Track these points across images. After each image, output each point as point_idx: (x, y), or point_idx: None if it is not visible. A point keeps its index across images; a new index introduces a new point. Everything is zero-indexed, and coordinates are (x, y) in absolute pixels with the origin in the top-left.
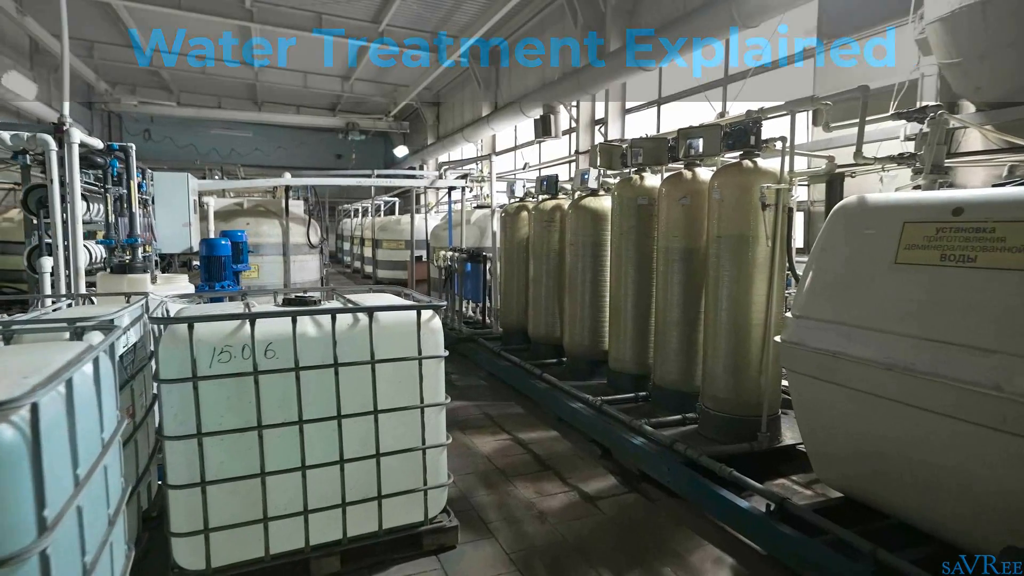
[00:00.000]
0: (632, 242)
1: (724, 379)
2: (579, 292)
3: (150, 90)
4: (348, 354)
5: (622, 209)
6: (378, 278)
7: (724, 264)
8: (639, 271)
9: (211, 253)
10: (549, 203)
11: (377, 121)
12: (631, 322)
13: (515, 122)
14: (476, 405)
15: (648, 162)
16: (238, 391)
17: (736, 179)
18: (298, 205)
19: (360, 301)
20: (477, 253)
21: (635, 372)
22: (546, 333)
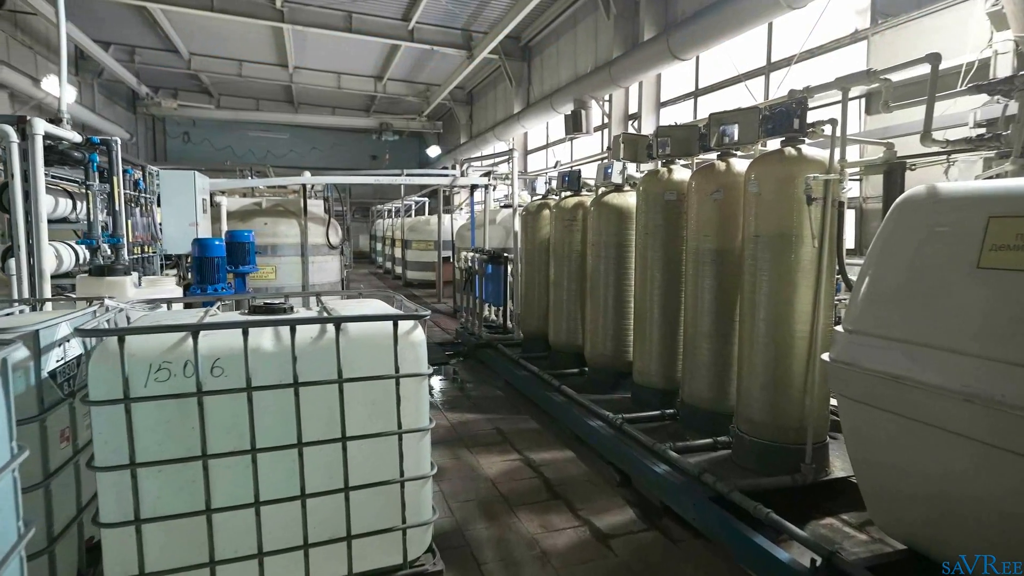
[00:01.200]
0: (659, 242)
1: (761, 399)
2: (601, 297)
3: (192, 94)
4: (312, 372)
5: (648, 206)
6: (407, 279)
7: (762, 267)
8: (666, 275)
9: (203, 254)
10: (571, 200)
11: (410, 121)
12: (657, 331)
13: (546, 119)
14: (488, 419)
15: (677, 153)
16: (179, 415)
17: (777, 169)
18: (318, 205)
19: (343, 309)
20: (498, 254)
21: (661, 387)
22: (567, 341)
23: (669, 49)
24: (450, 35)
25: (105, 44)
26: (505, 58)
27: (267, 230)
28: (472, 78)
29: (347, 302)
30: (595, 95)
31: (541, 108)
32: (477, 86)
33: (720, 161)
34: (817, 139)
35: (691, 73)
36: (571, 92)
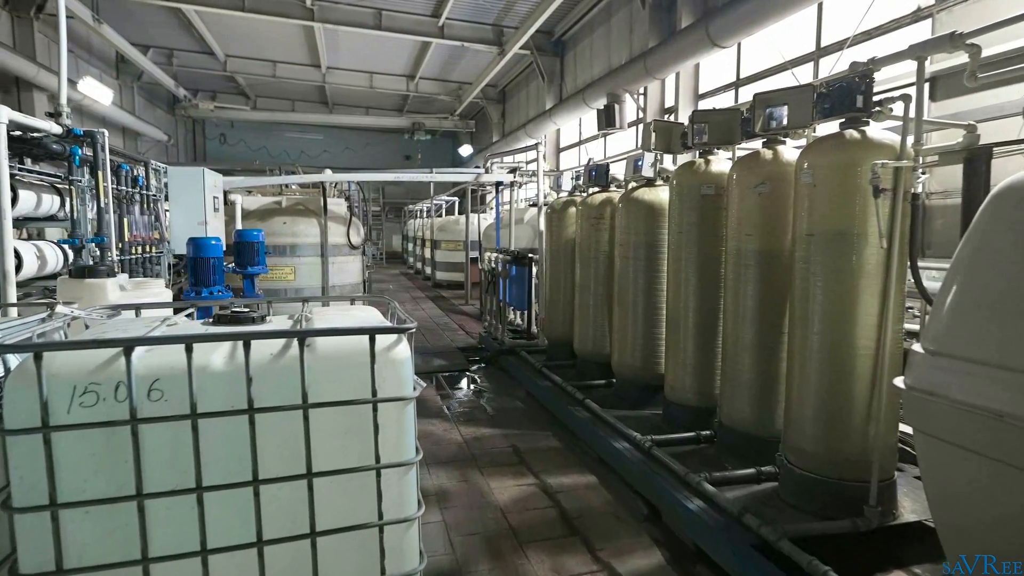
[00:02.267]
0: (694, 242)
1: (815, 426)
2: (629, 303)
3: (230, 96)
4: (271, 395)
5: (682, 201)
6: (436, 280)
7: (816, 271)
8: (703, 279)
9: (198, 254)
10: (598, 197)
11: (443, 120)
12: (692, 342)
13: (579, 115)
14: (505, 434)
15: (716, 140)
16: (109, 446)
17: (836, 156)
18: (340, 204)
19: (324, 318)
20: (522, 255)
21: (696, 404)
22: (593, 349)
23: (708, 36)
24: (481, 31)
25: (144, 48)
26: (537, 53)
27: (286, 229)
28: (504, 75)
29: (327, 310)
30: (629, 88)
31: (573, 103)
32: (509, 84)
33: (766, 149)
34: (883, 120)
35: (732, 62)
36: (604, 86)
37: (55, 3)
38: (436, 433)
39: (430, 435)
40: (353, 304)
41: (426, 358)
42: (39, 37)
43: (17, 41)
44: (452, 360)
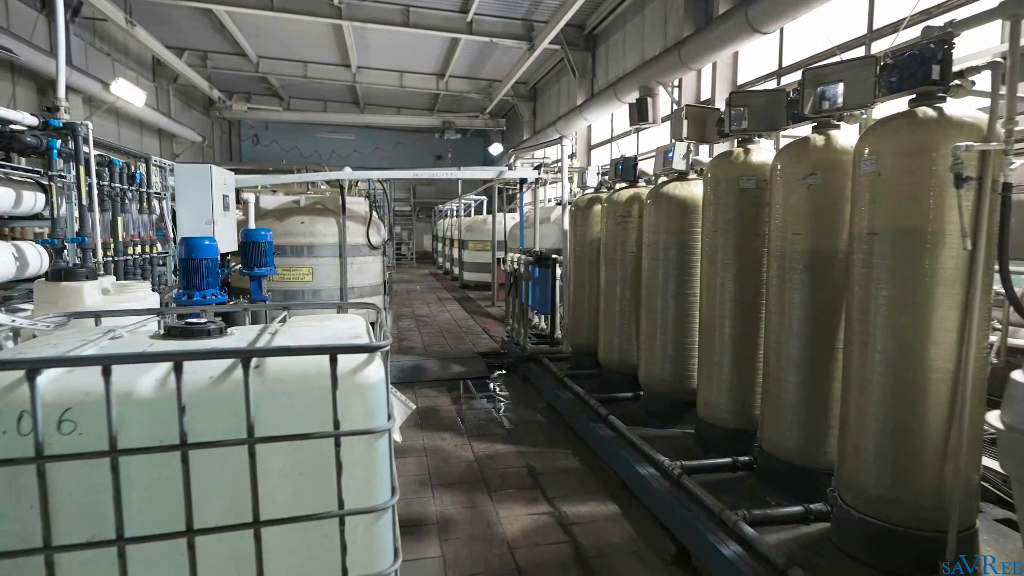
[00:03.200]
0: (731, 242)
1: (877, 462)
2: (658, 309)
3: (264, 97)
4: (211, 428)
5: (718, 196)
6: (463, 281)
7: (881, 277)
8: (741, 284)
9: (188, 255)
10: (625, 193)
11: (473, 119)
12: (728, 356)
13: (610, 110)
14: (520, 452)
15: (757, 126)
16: (11, 489)
17: (907, 138)
18: (360, 203)
19: (294, 332)
20: (545, 256)
21: (733, 426)
22: (619, 359)
23: (748, 22)
24: (510, 26)
25: (180, 50)
26: (568, 48)
27: (304, 229)
28: (535, 72)
29: (302, 322)
30: (663, 80)
31: (604, 98)
32: (540, 80)
33: (817, 134)
34: (963, 96)
35: (773, 49)
36: (636, 79)
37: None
38: (446, 449)
39: (439, 451)
40: (341, 311)
41: (444, 364)
42: (75, 40)
43: (54, 44)
44: (471, 367)
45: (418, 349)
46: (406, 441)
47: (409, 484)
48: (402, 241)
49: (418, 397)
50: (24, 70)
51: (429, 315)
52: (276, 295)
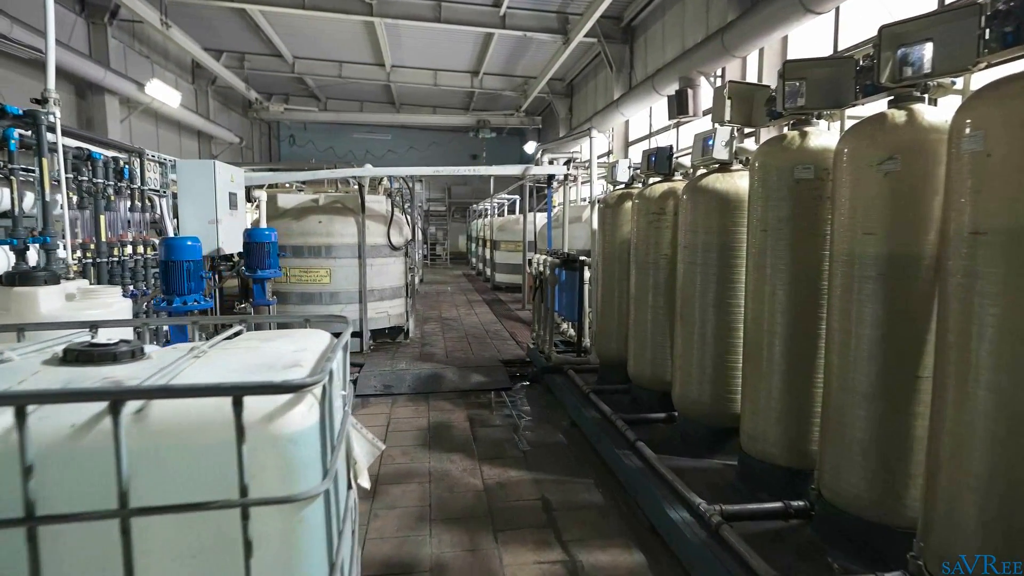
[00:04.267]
0: (784, 243)
1: (980, 532)
2: (695, 320)
3: (301, 98)
4: (73, 494)
5: (767, 189)
6: (495, 282)
7: (988, 289)
8: (796, 293)
9: (168, 257)
10: (658, 188)
11: (508, 117)
12: (779, 378)
13: (648, 103)
14: (536, 481)
15: (817, 103)
16: None
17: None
18: (380, 201)
19: (223, 357)
20: (573, 258)
21: (785, 464)
22: (651, 375)
23: (800, 1)
24: (544, 19)
25: (218, 52)
26: (605, 41)
27: (321, 228)
28: (571, 68)
29: (249, 340)
30: (704, 70)
31: (642, 91)
32: (577, 76)
33: (896, 110)
34: None
35: (828, 32)
36: (676, 69)
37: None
38: (453, 474)
39: (445, 477)
40: (308, 325)
41: (464, 373)
42: (113, 43)
43: (92, 47)
44: (492, 377)
45: (439, 356)
46: (411, 463)
47: (406, 518)
48: (436, 241)
49: (431, 411)
50: (62, 72)
51: (456, 318)
52: (293, 297)
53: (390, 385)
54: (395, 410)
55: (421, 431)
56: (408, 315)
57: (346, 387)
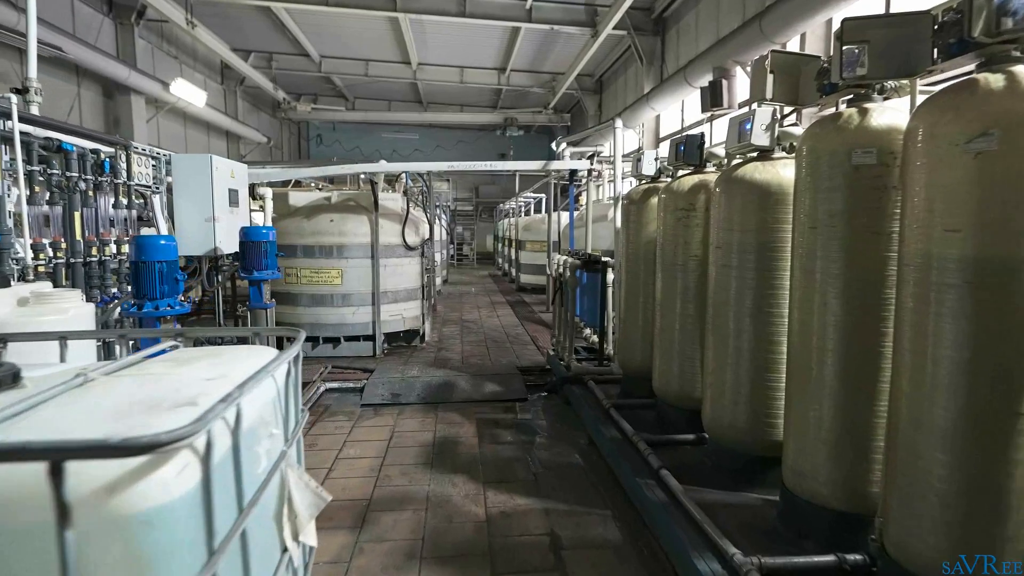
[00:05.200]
0: (837, 243)
1: None
2: (729, 332)
3: (330, 98)
4: None
5: (818, 178)
6: (520, 283)
7: None
8: (853, 302)
9: (139, 257)
10: (687, 181)
11: (537, 115)
12: (833, 406)
13: (680, 97)
14: (546, 510)
15: (882, 72)
16: None
17: None
18: (395, 199)
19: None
20: (595, 259)
21: (837, 507)
22: (679, 390)
23: None
24: (572, 12)
25: (246, 53)
26: (635, 33)
27: (333, 227)
28: (601, 63)
29: (170, 362)
30: (740, 59)
31: (674, 84)
32: (606, 72)
33: (991, 74)
34: None
35: (879, 9)
36: (710, 59)
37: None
38: (453, 501)
39: (445, 503)
40: (256, 340)
41: (478, 382)
42: (140, 43)
43: (120, 47)
44: (508, 387)
45: (454, 361)
46: (409, 485)
47: (394, 555)
48: (463, 241)
49: (439, 423)
50: (88, 72)
51: (477, 320)
52: (303, 299)
53: (398, 394)
54: (400, 421)
55: (425, 447)
56: (424, 318)
57: (291, 419)
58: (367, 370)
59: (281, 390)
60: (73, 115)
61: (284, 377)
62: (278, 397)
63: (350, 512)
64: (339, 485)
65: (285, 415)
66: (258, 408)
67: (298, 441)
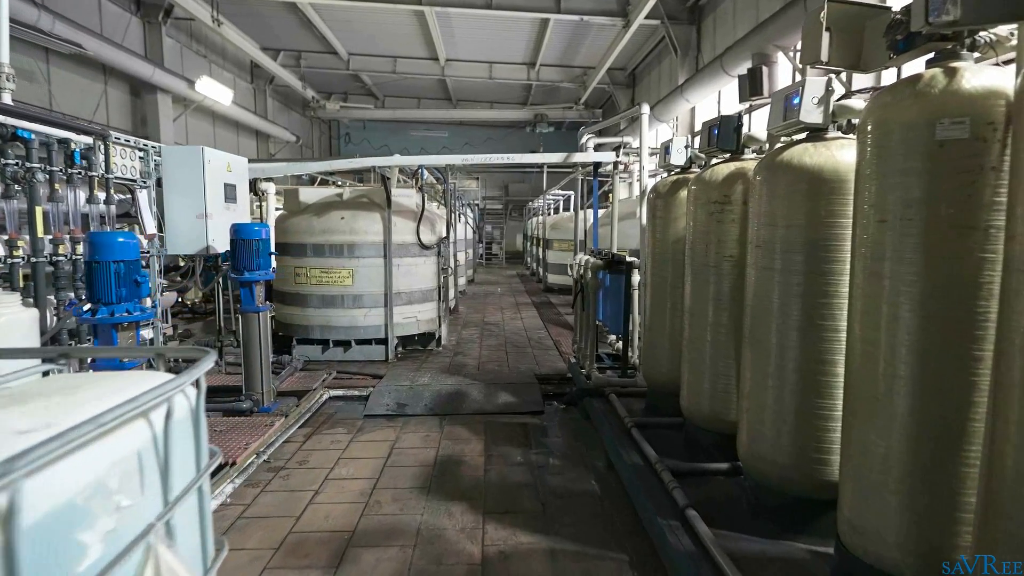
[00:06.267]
0: (915, 239)
1: None
2: (771, 347)
3: (360, 97)
4: None
5: (888, 159)
6: (547, 284)
7: None
8: (937, 316)
9: (93, 257)
10: (722, 169)
11: (567, 110)
12: (908, 446)
13: (716, 87)
14: (551, 552)
15: (979, 16)
16: None
17: None
18: (409, 195)
19: None
20: (618, 260)
21: (913, 566)
22: (709, 411)
23: None
24: (602, 1)
25: (275, 52)
26: (669, 23)
27: (344, 226)
28: (633, 55)
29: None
30: (782, 44)
31: (709, 73)
32: (639, 65)
33: None
34: None
35: None
36: (749, 46)
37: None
38: (446, 536)
39: (437, 538)
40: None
41: (492, 391)
42: (169, 42)
43: (147, 46)
44: (523, 398)
45: (470, 368)
46: (400, 514)
47: None
48: (492, 240)
49: (444, 439)
50: (115, 71)
51: (499, 323)
52: (313, 300)
53: (404, 404)
54: (402, 436)
55: (425, 467)
56: (441, 320)
57: (177, 475)
58: (377, 376)
59: (159, 436)
60: (99, 113)
61: (164, 420)
62: (155, 445)
63: (328, 548)
64: (323, 512)
65: (165, 471)
66: (94, 473)
67: (202, 506)
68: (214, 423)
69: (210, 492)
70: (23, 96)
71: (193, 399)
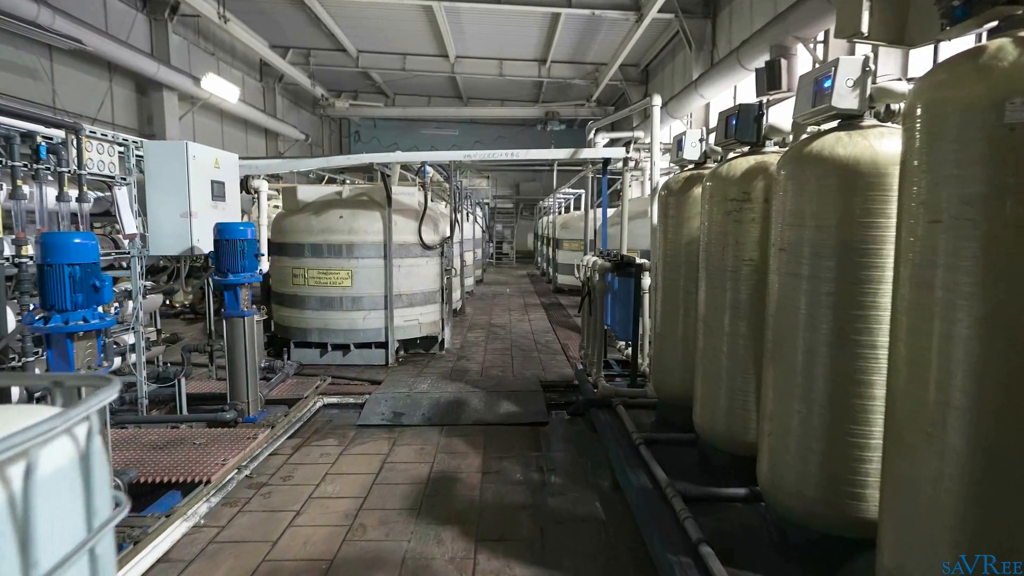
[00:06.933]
0: (976, 244)
1: None
2: (797, 364)
3: (370, 95)
4: None
5: (941, 148)
6: (557, 284)
7: None
8: (1001, 334)
9: (46, 259)
10: (740, 164)
11: (579, 108)
12: (961, 482)
13: (732, 82)
14: None
15: None
16: None
17: None
18: (411, 193)
19: None
20: (628, 262)
21: None
22: (725, 430)
23: None
24: None
25: (284, 49)
26: (683, 16)
27: (343, 225)
28: (646, 51)
29: None
30: (802, 35)
31: (725, 67)
32: (652, 61)
33: None
34: None
35: None
36: (766, 38)
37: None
38: (433, 567)
39: (424, 568)
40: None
41: (493, 400)
42: (176, 40)
43: (154, 44)
44: (526, 407)
45: (472, 373)
46: (384, 540)
47: None
48: (503, 239)
49: (439, 452)
50: (120, 68)
51: (506, 325)
52: (311, 302)
53: (401, 413)
54: (396, 449)
55: (416, 485)
56: (444, 323)
57: (58, 538)
58: (375, 382)
59: (16, 497)
60: (104, 111)
61: (22, 479)
62: (10, 509)
63: None
64: (302, 537)
65: (23, 537)
66: None
67: None
68: (194, 435)
69: (115, 554)
70: (24, 93)
71: (83, 441)
